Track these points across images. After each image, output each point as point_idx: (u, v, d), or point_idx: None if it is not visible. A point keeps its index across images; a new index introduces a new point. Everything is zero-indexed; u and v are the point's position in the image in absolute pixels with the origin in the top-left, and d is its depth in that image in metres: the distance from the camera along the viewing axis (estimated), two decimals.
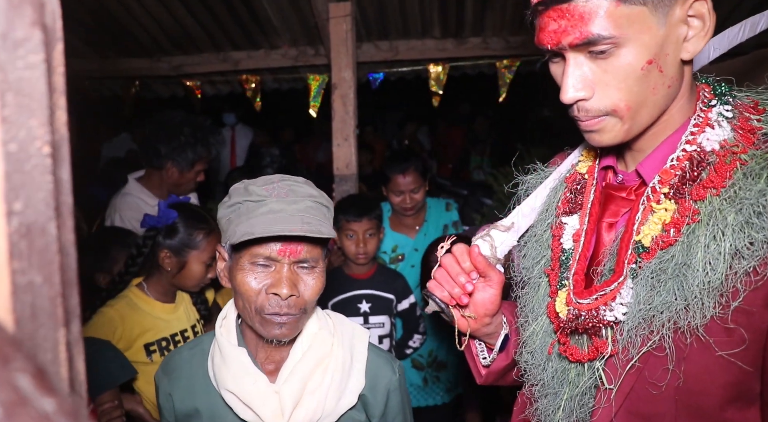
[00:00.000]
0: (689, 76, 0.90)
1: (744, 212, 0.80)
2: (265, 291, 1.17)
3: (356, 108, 3.30)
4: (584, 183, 1.06)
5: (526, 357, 1.07)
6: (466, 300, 1.09)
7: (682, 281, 0.83)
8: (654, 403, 0.90)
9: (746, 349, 0.83)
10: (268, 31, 3.69)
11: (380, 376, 1.32)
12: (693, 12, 0.84)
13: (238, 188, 1.23)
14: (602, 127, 0.90)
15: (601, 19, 0.81)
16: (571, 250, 1.01)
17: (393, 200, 2.92)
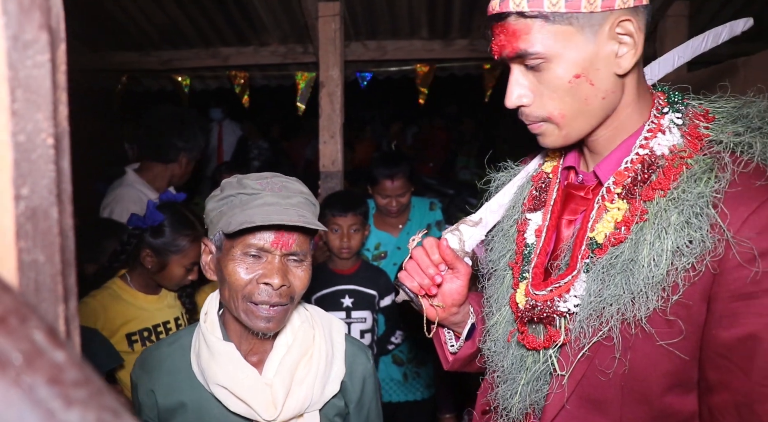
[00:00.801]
0: (633, 86, 0.96)
1: (685, 212, 0.86)
2: (256, 281, 1.21)
3: (343, 106, 3.35)
4: (549, 182, 1.12)
5: (489, 344, 1.13)
6: (435, 291, 1.16)
7: (629, 276, 0.89)
8: (603, 389, 0.96)
9: (685, 340, 0.89)
10: (257, 28, 3.72)
11: (357, 364, 1.39)
12: (622, 30, 0.90)
13: (231, 181, 1.26)
14: (542, 131, 0.99)
15: (530, 37, 0.90)
16: (533, 245, 1.08)
17: (379, 202, 2.96)
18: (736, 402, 0.86)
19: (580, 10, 0.88)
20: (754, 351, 0.84)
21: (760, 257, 0.82)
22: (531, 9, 0.89)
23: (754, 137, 0.89)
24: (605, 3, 0.88)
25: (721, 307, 0.86)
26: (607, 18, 0.89)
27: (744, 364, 0.85)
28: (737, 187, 0.86)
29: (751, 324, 0.84)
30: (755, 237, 0.82)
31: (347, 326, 2.64)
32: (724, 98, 0.97)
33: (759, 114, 0.92)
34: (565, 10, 0.88)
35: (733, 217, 0.84)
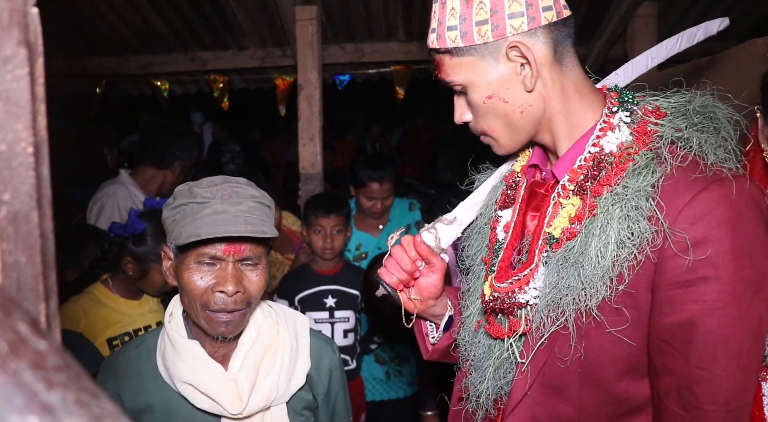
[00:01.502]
0: (558, 95, 1.03)
1: (626, 206, 0.92)
2: (210, 289, 1.22)
3: (322, 109, 3.38)
4: (518, 180, 1.19)
5: (463, 334, 1.20)
6: (412, 283, 1.23)
7: (580, 268, 0.94)
8: (562, 376, 1.02)
9: (632, 327, 0.94)
10: (235, 32, 3.74)
11: (323, 357, 1.42)
12: (516, 53, 1.00)
13: (182, 190, 1.27)
14: (488, 143, 1.12)
15: (446, 69, 1.06)
16: (503, 240, 1.14)
17: (363, 203, 3.00)
18: (678, 384, 0.92)
19: (475, 43, 1.00)
20: (692, 336, 0.89)
21: (694, 246, 0.87)
22: (439, 46, 1.04)
23: (691, 132, 0.95)
24: (496, 33, 0.99)
25: (662, 295, 0.91)
26: (502, 45, 1.00)
27: (683, 349, 0.90)
28: (674, 180, 0.91)
29: (688, 310, 0.89)
30: (689, 228, 0.87)
31: (331, 326, 2.67)
32: (679, 94, 1.02)
33: (697, 110, 0.97)
34: (463, 44, 1.01)
35: (669, 209, 0.89)
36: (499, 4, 0.98)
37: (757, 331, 0.89)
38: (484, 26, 0.99)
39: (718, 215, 0.87)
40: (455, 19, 1.01)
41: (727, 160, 0.93)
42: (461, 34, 1.01)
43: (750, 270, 0.88)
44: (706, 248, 0.87)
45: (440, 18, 1.03)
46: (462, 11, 1.00)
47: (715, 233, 0.87)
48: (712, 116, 0.96)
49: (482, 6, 0.99)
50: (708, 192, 0.88)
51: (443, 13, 1.02)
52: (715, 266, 0.87)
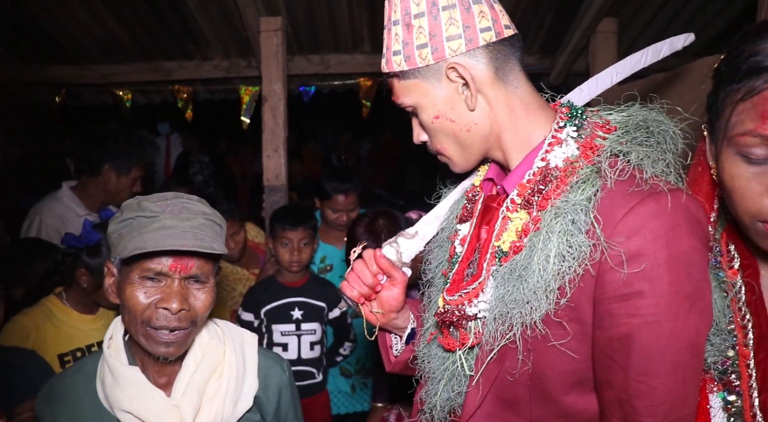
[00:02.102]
0: (503, 112, 1.05)
1: (565, 220, 0.93)
2: (154, 305, 1.18)
3: (287, 120, 3.36)
4: (477, 194, 1.21)
5: (421, 347, 1.21)
6: (374, 297, 1.24)
7: (524, 281, 0.95)
8: (513, 389, 1.02)
9: (574, 340, 0.95)
10: (200, 42, 3.71)
11: (271, 376, 1.39)
12: (455, 74, 1.03)
13: (130, 204, 1.23)
14: (444, 162, 1.15)
15: (395, 91, 1.12)
16: (460, 253, 1.15)
17: (329, 216, 2.98)
18: (618, 398, 0.92)
19: (417, 66, 1.05)
20: (630, 350, 0.89)
21: (630, 260, 0.87)
22: (388, 70, 1.10)
23: (632, 146, 0.96)
24: (436, 55, 1.03)
25: (601, 309, 0.92)
26: (442, 66, 1.04)
27: (623, 362, 0.90)
28: (612, 194, 0.92)
29: (625, 324, 0.89)
30: (625, 241, 0.88)
31: (297, 338, 2.65)
32: (633, 108, 1.03)
33: (640, 124, 0.99)
34: (407, 67, 1.06)
35: (606, 222, 0.90)
36: (437, 27, 1.02)
37: (695, 343, 0.90)
38: (424, 49, 1.03)
39: (653, 228, 0.87)
40: (399, 44, 1.06)
41: (667, 173, 0.94)
42: (405, 58, 1.05)
43: (686, 283, 0.88)
44: (642, 261, 0.87)
45: (387, 44, 1.08)
46: (404, 37, 1.05)
47: (650, 246, 0.87)
48: (653, 130, 0.97)
49: (421, 31, 1.03)
50: (643, 206, 0.89)
51: (390, 39, 1.08)
52: (650, 279, 0.87)
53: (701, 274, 0.90)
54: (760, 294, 1.00)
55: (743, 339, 0.99)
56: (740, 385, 0.98)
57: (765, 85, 0.85)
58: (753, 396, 0.97)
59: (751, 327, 0.99)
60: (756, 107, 0.86)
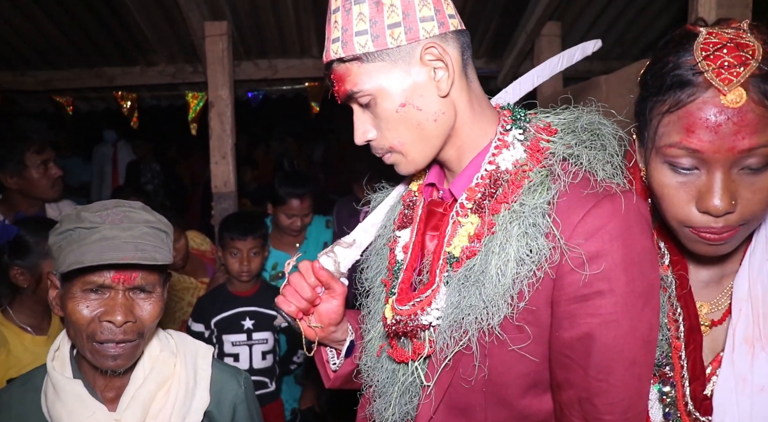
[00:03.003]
0: (465, 105, 1.02)
1: (523, 223, 0.92)
2: (98, 319, 1.15)
3: (234, 126, 3.31)
4: (416, 200, 1.17)
5: (365, 360, 1.17)
6: (312, 311, 1.18)
7: (481, 286, 0.93)
8: (467, 396, 1.00)
9: (534, 343, 0.94)
10: (144, 47, 3.62)
11: (225, 391, 1.36)
12: (431, 57, 0.97)
13: (69, 214, 1.19)
14: (393, 161, 1.06)
15: (351, 78, 1.00)
16: (402, 261, 1.12)
17: (283, 221, 2.95)
18: (579, 397, 0.93)
19: (387, 47, 0.96)
20: (590, 349, 0.90)
21: (589, 261, 0.88)
22: (346, 54, 0.98)
23: (581, 149, 0.97)
24: (409, 36, 0.96)
25: (560, 310, 0.92)
26: (415, 48, 0.97)
27: (583, 362, 0.91)
28: (568, 196, 0.92)
29: (586, 324, 0.90)
30: (584, 243, 0.89)
31: (249, 348, 2.60)
32: (568, 111, 1.03)
33: (585, 127, 1.00)
34: (374, 48, 0.97)
35: (564, 225, 0.90)
36: (410, 7, 0.96)
37: (648, 340, 0.92)
38: (396, 29, 0.96)
39: (610, 229, 0.89)
40: (365, 24, 0.97)
41: (615, 175, 0.96)
42: (373, 38, 0.96)
43: (640, 282, 0.90)
44: (600, 262, 0.88)
45: (345, 25, 0.98)
46: (372, 15, 0.96)
47: (608, 247, 0.88)
48: (598, 133, 0.99)
49: (393, 9, 0.96)
50: (599, 208, 0.90)
51: (348, 20, 0.98)
52: (609, 279, 0.88)
53: (653, 273, 0.93)
54: (689, 289, 1.04)
55: (675, 331, 1.04)
56: (674, 376, 1.02)
57: (689, 99, 0.88)
58: (685, 386, 1.01)
59: (682, 319, 1.03)
60: (681, 120, 0.89)
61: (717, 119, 0.85)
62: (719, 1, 1.88)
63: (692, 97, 0.87)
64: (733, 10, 1.87)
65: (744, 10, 1.85)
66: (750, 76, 0.85)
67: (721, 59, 0.86)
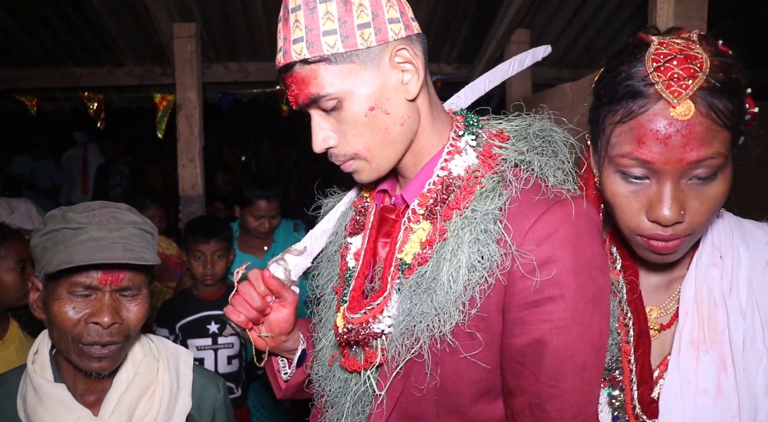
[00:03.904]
0: (426, 109, 1.01)
1: (475, 229, 0.91)
2: (84, 320, 1.14)
3: (202, 129, 3.28)
4: (367, 206, 1.15)
5: (317, 369, 1.14)
6: (262, 321, 1.15)
7: (433, 293, 0.92)
8: (419, 404, 0.98)
9: (486, 350, 0.93)
10: (111, 47, 3.57)
11: (206, 396, 1.36)
12: (401, 59, 0.95)
13: (54, 215, 1.19)
14: (355, 169, 1.01)
15: (318, 81, 0.94)
16: (354, 268, 1.10)
17: (250, 223, 2.93)
18: (530, 403, 0.92)
19: (357, 47, 0.92)
20: (542, 355, 0.89)
21: (540, 267, 0.88)
22: (312, 55, 0.92)
23: (533, 155, 0.96)
24: (379, 37, 0.93)
25: (512, 316, 0.91)
26: (384, 50, 0.94)
27: (534, 368, 0.90)
28: (519, 202, 0.92)
29: (537, 330, 0.89)
30: (535, 249, 0.88)
31: (214, 352, 2.57)
32: (520, 117, 1.04)
33: (537, 133, 0.99)
34: (344, 49, 0.92)
35: (515, 231, 0.90)
36: (379, 7, 0.94)
37: (599, 345, 0.92)
38: (366, 30, 0.93)
39: (561, 235, 0.89)
40: (333, 23, 0.92)
41: (566, 181, 0.96)
42: (342, 39, 0.92)
43: (590, 287, 0.90)
44: (551, 268, 0.88)
45: (309, 24, 0.92)
46: (341, 14, 0.92)
47: (559, 253, 0.88)
48: (550, 140, 0.98)
49: (363, 9, 0.93)
50: (550, 214, 0.89)
51: (313, 19, 0.92)
52: (560, 285, 0.88)
53: (603, 278, 0.93)
54: (639, 293, 1.06)
55: (625, 336, 1.05)
56: (623, 380, 1.03)
57: (640, 110, 0.88)
58: (633, 390, 1.02)
59: (632, 324, 1.04)
60: (633, 130, 0.90)
61: (667, 130, 0.86)
62: (676, 13, 1.93)
63: (643, 109, 0.88)
64: (690, 21, 1.91)
65: (699, 21, 1.89)
66: (698, 89, 0.86)
67: (671, 71, 0.87)
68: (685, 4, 1.91)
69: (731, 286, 0.97)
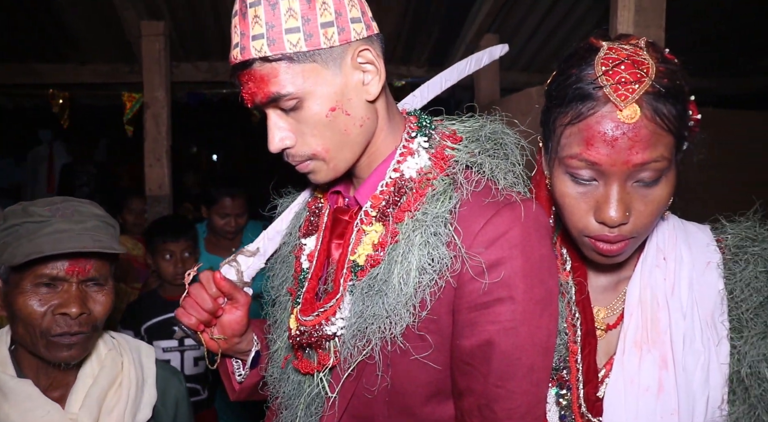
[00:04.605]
0: (383, 110, 1.01)
1: (425, 232, 0.91)
2: (51, 312, 1.14)
3: (170, 128, 3.25)
4: (321, 207, 1.15)
5: (271, 371, 1.13)
6: (214, 323, 1.14)
7: (384, 295, 0.92)
8: (370, 406, 0.99)
9: (436, 351, 0.93)
10: (77, 44, 3.50)
11: (169, 387, 1.38)
12: (363, 59, 0.95)
13: (15, 210, 1.19)
14: (311, 169, 1.00)
15: (278, 79, 0.91)
16: (307, 269, 1.10)
17: (216, 222, 2.90)
18: (479, 403, 0.93)
19: (320, 47, 0.91)
20: (490, 356, 0.90)
21: (489, 269, 0.88)
22: (274, 53, 0.90)
23: (484, 158, 0.97)
24: (342, 36, 0.92)
25: (462, 318, 0.91)
26: (347, 50, 0.93)
27: (483, 369, 0.91)
28: (469, 205, 0.92)
29: (486, 331, 0.90)
30: (484, 252, 0.89)
31: (180, 354, 2.55)
32: (473, 119, 1.04)
33: (489, 136, 1.00)
34: (307, 48, 0.90)
35: (465, 234, 0.90)
36: (342, 6, 0.92)
37: (547, 346, 0.93)
38: (330, 29, 0.91)
39: (510, 238, 0.89)
40: (296, 21, 0.89)
41: (516, 184, 0.97)
42: (306, 37, 0.90)
43: (539, 289, 0.91)
44: (500, 270, 0.88)
45: (270, 21, 0.90)
46: (304, 12, 0.90)
47: (508, 255, 0.89)
48: (501, 143, 0.99)
49: (326, 7, 0.91)
50: (500, 216, 0.90)
51: (275, 15, 0.90)
52: (508, 287, 0.89)
53: (552, 280, 0.94)
54: (587, 294, 1.08)
55: (573, 336, 1.06)
56: (570, 380, 1.04)
57: (589, 113, 0.90)
58: (579, 389, 1.03)
59: (579, 324, 1.06)
60: (581, 132, 0.91)
61: (614, 133, 0.88)
62: (636, 21, 1.98)
63: (592, 111, 0.90)
64: (649, 30, 1.97)
65: (657, 30, 1.95)
66: (644, 94, 0.88)
67: (619, 75, 0.89)
68: (645, 14, 1.97)
69: (673, 287, 1.00)
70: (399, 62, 3.82)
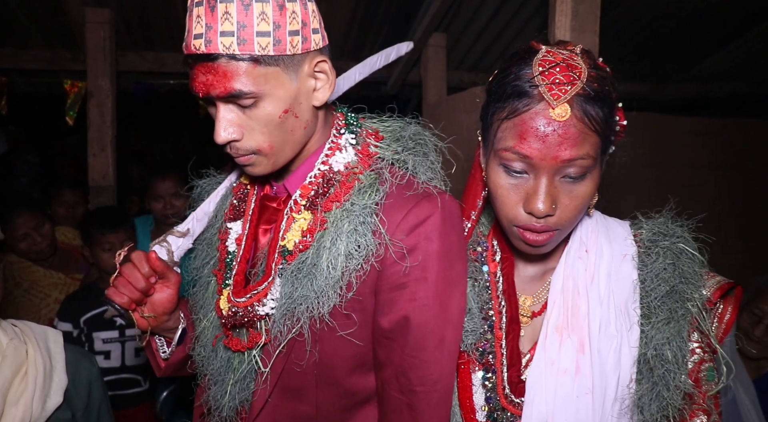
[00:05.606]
0: (323, 113, 1.10)
1: (353, 221, 1.01)
2: None
3: (115, 118, 3.19)
4: (247, 192, 1.21)
5: (199, 350, 1.19)
6: (145, 301, 1.18)
7: (313, 278, 1.01)
8: (299, 379, 1.08)
9: (360, 328, 1.05)
10: (15, 28, 3.39)
11: (80, 369, 1.38)
12: (318, 69, 1.03)
13: None
14: (252, 162, 1.05)
15: (242, 78, 0.95)
16: (234, 253, 1.16)
17: (155, 208, 2.89)
18: (396, 373, 1.04)
19: (285, 53, 0.96)
20: (407, 330, 1.01)
21: (408, 254, 1.00)
22: (242, 52, 0.94)
23: (407, 155, 1.09)
24: (304, 45, 0.99)
25: (383, 298, 1.03)
26: (306, 58, 1.00)
27: (401, 341, 1.02)
28: (393, 197, 1.03)
29: (404, 308, 1.01)
30: (405, 238, 1.00)
31: (121, 345, 2.53)
32: (392, 119, 1.15)
33: (412, 136, 1.11)
34: (274, 53, 0.95)
35: (389, 223, 1.01)
36: (307, 17, 0.98)
37: (456, 322, 1.06)
38: (296, 37, 0.97)
39: (427, 225, 1.01)
40: (267, 25, 0.94)
41: (434, 179, 1.09)
42: (274, 42, 0.95)
43: (450, 271, 1.03)
44: (418, 254, 1.00)
45: (242, 20, 0.93)
46: (275, 18, 0.94)
47: (424, 241, 1.00)
48: (422, 143, 1.11)
49: (295, 16, 0.96)
50: (419, 207, 1.01)
51: (247, 16, 0.93)
52: (424, 268, 1.00)
53: (461, 264, 1.07)
54: (513, 284, 1.17)
55: (499, 322, 1.15)
56: (495, 363, 1.13)
57: (524, 109, 0.97)
58: (504, 372, 1.12)
59: (505, 311, 1.15)
60: (516, 127, 0.98)
61: (545, 129, 0.95)
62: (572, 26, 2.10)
63: (527, 108, 0.97)
64: (584, 35, 2.09)
65: (592, 35, 2.07)
66: (575, 95, 0.95)
67: (554, 76, 0.96)
68: (580, 19, 2.09)
69: (593, 277, 1.08)
70: (349, 58, 3.87)
